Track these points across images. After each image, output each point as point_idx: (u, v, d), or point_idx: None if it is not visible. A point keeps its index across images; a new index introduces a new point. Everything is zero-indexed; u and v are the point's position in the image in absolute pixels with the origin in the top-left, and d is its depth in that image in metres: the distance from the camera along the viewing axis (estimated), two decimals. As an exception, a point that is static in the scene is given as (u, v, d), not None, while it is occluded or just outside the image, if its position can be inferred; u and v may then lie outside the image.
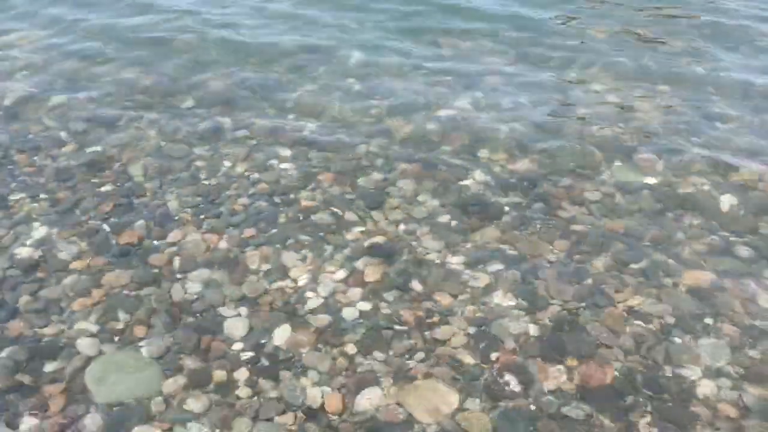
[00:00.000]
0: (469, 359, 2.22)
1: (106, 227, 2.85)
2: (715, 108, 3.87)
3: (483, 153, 3.42)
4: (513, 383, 2.14)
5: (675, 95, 4.01)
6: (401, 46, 4.64)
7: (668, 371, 2.19)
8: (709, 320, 2.40)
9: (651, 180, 3.21)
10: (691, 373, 2.19)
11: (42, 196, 3.06)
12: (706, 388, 2.14)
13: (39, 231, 2.82)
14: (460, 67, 4.33)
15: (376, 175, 3.22)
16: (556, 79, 4.23)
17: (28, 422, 2.00)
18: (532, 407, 2.06)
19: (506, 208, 2.99)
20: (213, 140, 3.54)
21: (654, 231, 2.86)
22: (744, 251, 2.74)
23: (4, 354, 2.23)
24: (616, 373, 2.17)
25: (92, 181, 3.18)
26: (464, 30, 4.89)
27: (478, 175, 3.23)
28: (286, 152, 3.42)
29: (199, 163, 3.33)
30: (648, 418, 2.03)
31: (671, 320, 2.39)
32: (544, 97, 4.00)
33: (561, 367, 2.20)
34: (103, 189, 3.11)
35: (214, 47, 4.65)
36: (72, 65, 4.38)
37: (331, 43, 4.69)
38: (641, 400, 2.09)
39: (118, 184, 3.16)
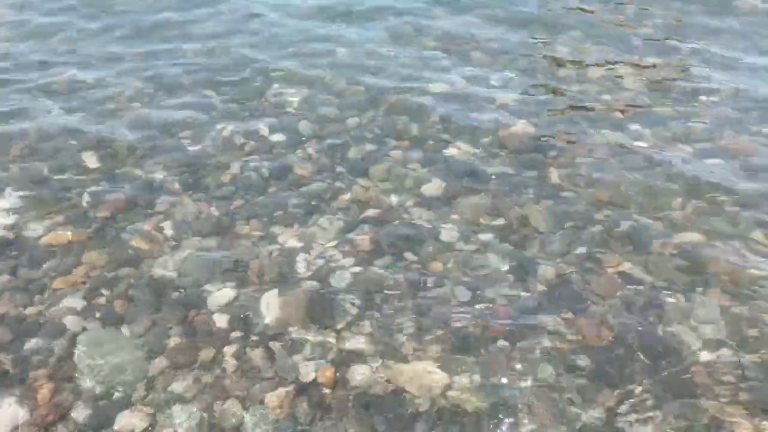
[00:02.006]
0: (462, 326, 2.20)
1: (87, 198, 2.77)
2: (702, 81, 3.84)
3: (472, 123, 3.36)
4: (505, 348, 2.13)
5: (663, 66, 3.98)
6: (391, 19, 4.53)
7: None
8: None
9: (639, 146, 3.18)
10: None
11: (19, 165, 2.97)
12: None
13: (13, 200, 2.73)
14: (450, 41, 4.24)
15: (366, 146, 3.15)
16: (545, 52, 4.17)
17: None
18: (524, 374, 2.06)
19: (493, 177, 2.95)
20: (200, 110, 3.44)
21: (642, 196, 2.85)
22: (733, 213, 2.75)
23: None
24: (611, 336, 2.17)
25: (73, 145, 3.08)
26: (454, 4, 4.78)
27: (467, 145, 3.18)
28: (274, 122, 3.33)
29: (186, 133, 3.24)
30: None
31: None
32: (534, 70, 3.94)
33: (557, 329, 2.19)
34: (84, 156, 3.02)
35: (200, 19, 4.51)
36: (53, 37, 4.26)
37: (320, 17, 4.57)
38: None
39: (102, 152, 3.06)
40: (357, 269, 2.43)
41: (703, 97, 3.63)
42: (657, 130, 3.32)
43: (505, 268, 2.45)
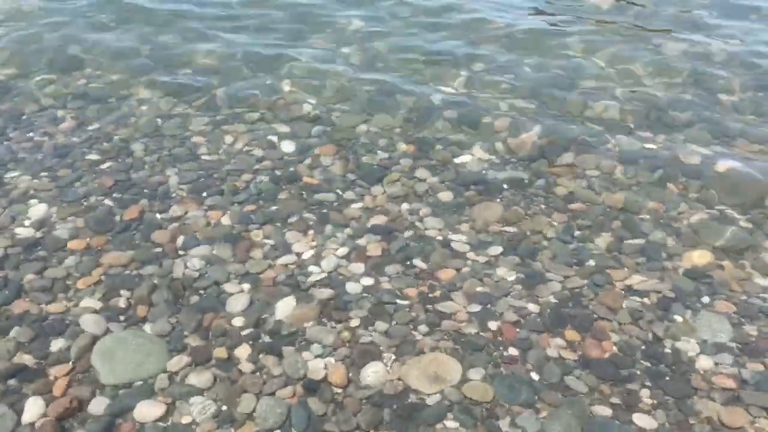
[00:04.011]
0: (472, 334, 2.23)
1: (108, 203, 2.84)
2: (719, 81, 3.84)
3: (483, 128, 3.40)
4: (515, 356, 2.15)
5: (680, 67, 3.99)
6: (399, 23, 4.59)
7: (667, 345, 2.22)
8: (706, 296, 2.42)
9: (652, 150, 3.20)
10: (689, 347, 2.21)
11: (41, 173, 3.04)
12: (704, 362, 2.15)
13: (38, 209, 2.80)
14: (459, 43, 4.29)
15: (376, 153, 3.21)
16: (558, 50, 4.19)
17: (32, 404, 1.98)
18: (534, 378, 2.08)
19: (505, 185, 2.98)
20: (211, 115, 3.51)
21: (654, 204, 2.86)
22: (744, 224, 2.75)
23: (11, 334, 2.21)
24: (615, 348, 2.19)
25: (91, 158, 3.16)
26: (463, 5, 4.83)
27: (478, 151, 3.22)
28: (285, 128, 3.40)
29: (197, 139, 3.30)
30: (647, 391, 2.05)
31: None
32: (546, 71, 3.97)
33: (562, 341, 2.21)
34: (102, 167, 3.10)
35: (209, 20, 4.60)
36: (65, 42, 4.32)
37: (328, 18, 4.64)
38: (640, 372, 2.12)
39: (118, 160, 3.14)
40: (367, 276, 2.47)
41: (722, 100, 3.63)
42: (672, 135, 3.35)
43: (514, 277, 2.47)
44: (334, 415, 1.94)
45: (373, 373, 2.07)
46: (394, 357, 2.13)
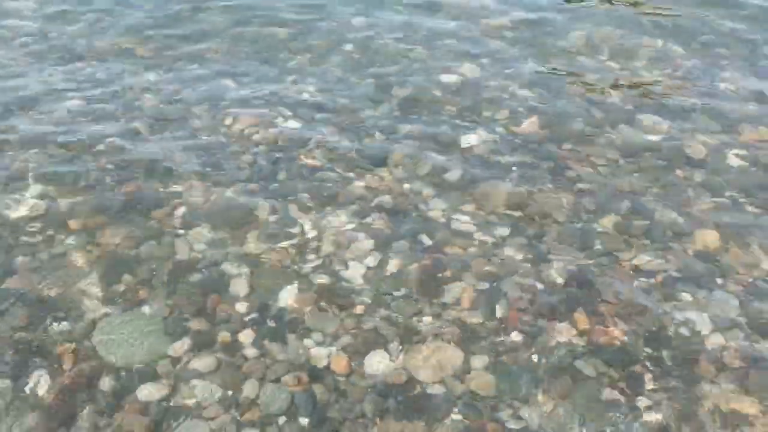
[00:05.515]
0: (477, 318, 2.21)
1: (104, 183, 2.80)
2: (723, 72, 3.79)
3: (486, 114, 3.34)
4: (520, 338, 2.13)
5: (684, 57, 3.94)
6: (402, 8, 4.53)
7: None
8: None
9: (655, 138, 3.17)
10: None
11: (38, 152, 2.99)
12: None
13: (36, 187, 2.76)
14: (462, 30, 4.23)
15: (379, 135, 3.16)
16: (562, 40, 4.14)
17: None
18: (540, 363, 2.06)
19: (513, 168, 2.94)
20: (214, 100, 3.46)
21: (659, 189, 2.83)
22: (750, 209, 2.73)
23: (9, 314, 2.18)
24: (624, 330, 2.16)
25: (89, 133, 3.11)
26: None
27: (482, 134, 3.17)
28: (288, 112, 3.35)
29: (199, 123, 3.26)
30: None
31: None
32: (548, 60, 3.92)
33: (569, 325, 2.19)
34: (100, 143, 3.05)
35: (213, 9, 4.53)
36: (71, 29, 4.26)
37: (332, 5, 4.57)
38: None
39: (119, 141, 3.09)
40: (371, 258, 2.44)
41: (723, 89, 3.59)
42: (676, 122, 3.31)
43: (521, 258, 2.45)
44: (339, 395, 1.92)
45: (376, 361, 2.04)
46: (396, 345, 2.10)
